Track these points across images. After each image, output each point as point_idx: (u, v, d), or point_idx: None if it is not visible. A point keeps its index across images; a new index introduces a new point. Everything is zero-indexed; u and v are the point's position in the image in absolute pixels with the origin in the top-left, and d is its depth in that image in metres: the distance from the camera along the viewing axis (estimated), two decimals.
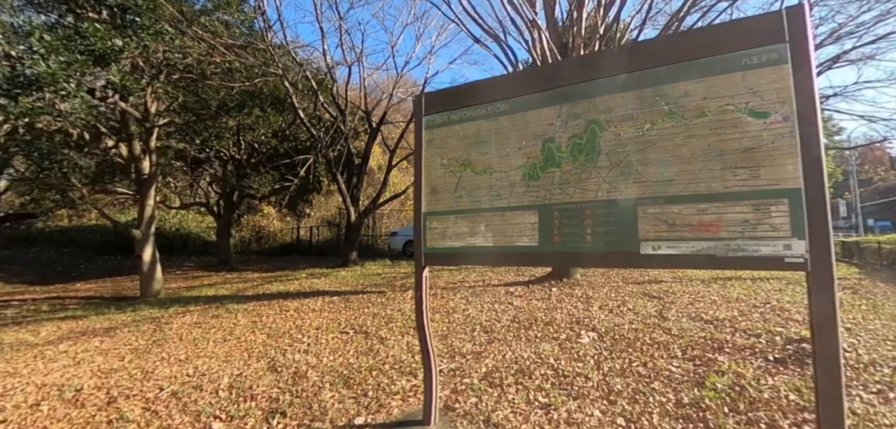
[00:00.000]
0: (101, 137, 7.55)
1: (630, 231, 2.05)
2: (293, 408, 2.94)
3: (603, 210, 2.14)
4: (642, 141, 2.05)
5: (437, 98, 2.76)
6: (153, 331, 5.53)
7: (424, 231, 2.69)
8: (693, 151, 1.94)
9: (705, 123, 1.92)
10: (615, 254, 2.11)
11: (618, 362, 3.66)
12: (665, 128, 2.01)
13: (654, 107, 2.04)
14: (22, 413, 3.06)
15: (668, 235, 1.97)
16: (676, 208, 1.96)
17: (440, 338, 4.62)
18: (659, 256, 2.00)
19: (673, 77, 2.00)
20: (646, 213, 2.03)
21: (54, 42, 4.31)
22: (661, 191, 2.00)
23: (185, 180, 14.87)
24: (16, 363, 4.25)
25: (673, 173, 1.98)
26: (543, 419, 2.64)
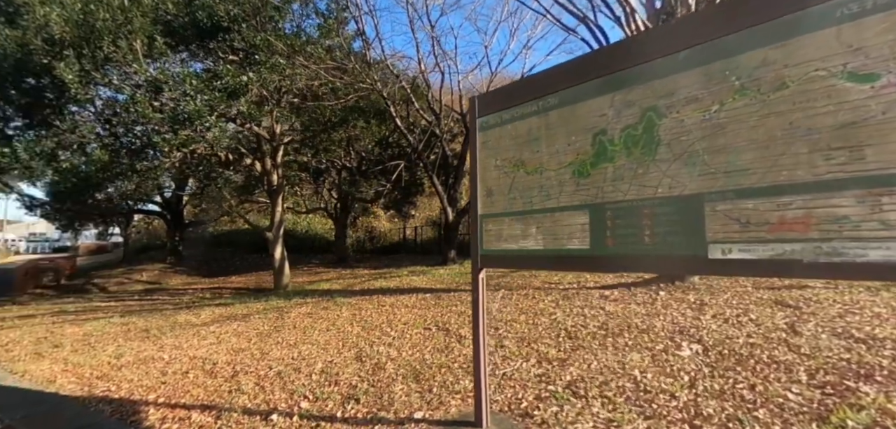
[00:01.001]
0: (242, 157, 9.16)
1: (696, 232, 1.79)
2: (367, 396, 3.21)
3: (663, 208, 1.89)
4: (710, 126, 1.77)
5: (490, 98, 2.75)
6: (276, 318, 6.52)
7: (481, 233, 2.71)
8: (771, 132, 1.60)
9: (787, 96, 1.57)
10: (677, 258, 1.86)
11: (718, 382, 3.16)
12: (737, 107, 1.70)
13: (724, 83, 1.74)
14: (177, 378, 3.92)
15: (741, 237, 1.66)
16: (751, 203, 1.64)
17: (524, 341, 4.52)
18: (731, 262, 1.70)
19: (745, 45, 1.68)
20: (714, 210, 1.74)
21: (199, 84, 5.51)
22: (732, 183, 1.70)
23: (310, 188, 17.15)
24: (180, 339, 5.45)
25: (747, 161, 1.66)
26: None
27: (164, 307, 8.57)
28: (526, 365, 3.71)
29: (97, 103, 6.76)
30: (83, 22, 5.59)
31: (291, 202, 18.69)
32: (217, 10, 6.42)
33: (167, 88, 5.92)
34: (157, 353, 4.96)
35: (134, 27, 5.85)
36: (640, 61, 1.99)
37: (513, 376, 3.48)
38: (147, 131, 6.43)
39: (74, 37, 5.57)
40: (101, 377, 4.21)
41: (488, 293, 7.34)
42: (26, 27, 5.78)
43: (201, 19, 6.58)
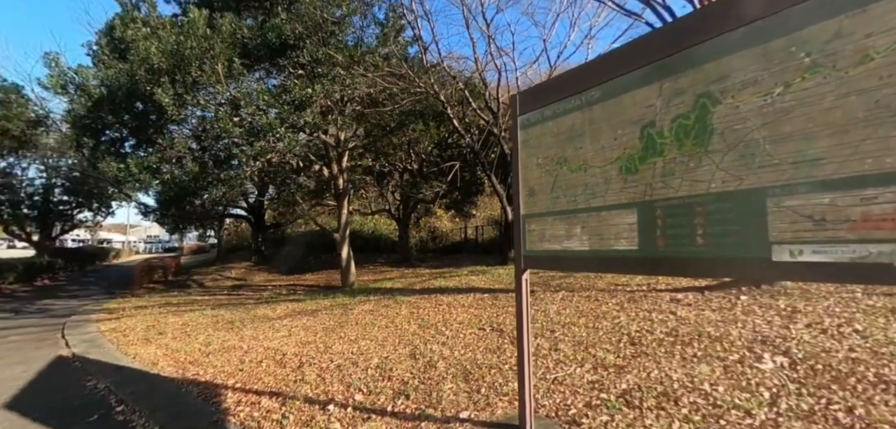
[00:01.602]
0: (312, 164, 9.84)
1: (757, 231, 1.59)
2: (416, 393, 3.30)
3: (718, 205, 1.71)
4: (772, 111, 1.56)
5: (531, 95, 2.68)
6: (340, 315, 6.92)
7: (524, 234, 2.65)
8: (851, 113, 1.37)
9: (872, 70, 1.33)
10: (737, 261, 1.67)
11: (807, 401, 2.78)
12: (807, 88, 1.48)
13: (789, 62, 1.52)
14: (252, 366, 4.34)
15: (815, 237, 1.45)
16: (828, 198, 1.42)
17: (581, 346, 4.34)
18: (801, 265, 1.49)
19: (814, 16, 1.46)
20: (780, 206, 1.54)
21: (270, 99, 6.08)
22: (802, 175, 1.48)
23: (374, 191, 17.94)
24: (258, 331, 6.01)
25: (821, 149, 1.44)
26: None
27: (246, 302, 9.51)
28: (579, 370, 3.55)
29: (190, 122, 7.78)
30: (175, 52, 6.50)
31: (357, 205, 19.69)
32: (284, 30, 7.05)
33: (244, 105, 6.64)
34: (238, 342, 5.52)
35: (216, 53, 6.65)
36: (690, 43, 1.82)
37: (564, 381, 3.35)
38: (228, 144, 7.28)
39: (169, 65, 6.51)
40: (192, 362, 4.79)
41: (548, 295, 7.14)
42: (133, 60, 6.86)
43: (271, 40, 7.27)
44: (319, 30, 7.21)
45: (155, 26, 7.43)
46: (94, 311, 9.57)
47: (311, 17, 7.00)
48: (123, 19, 8.18)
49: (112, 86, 7.40)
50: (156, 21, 7.79)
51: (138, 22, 7.58)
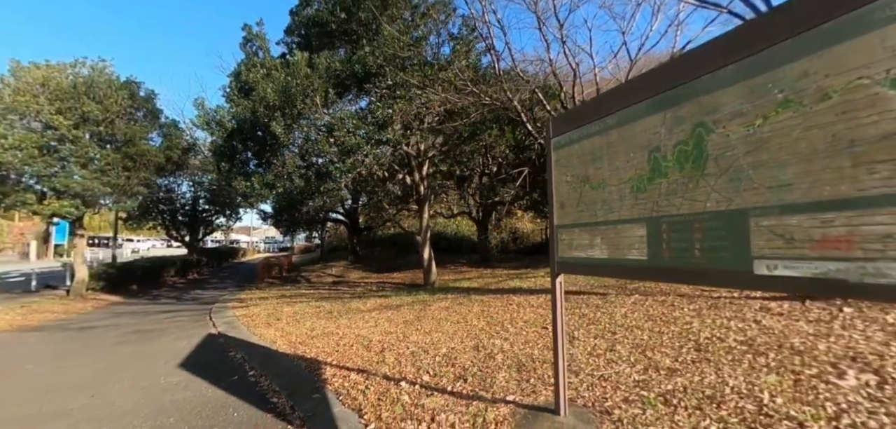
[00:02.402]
0: (396, 173, 10.89)
1: (741, 247, 1.81)
2: (473, 379, 3.81)
3: (712, 222, 1.94)
4: (753, 140, 1.77)
5: (562, 120, 3.03)
6: (419, 310, 7.70)
7: (557, 242, 3.00)
8: (814, 145, 1.56)
9: (830, 107, 1.52)
10: (725, 272, 1.89)
11: (878, 420, 2.69)
12: (780, 121, 1.68)
13: (767, 97, 1.73)
14: (344, 348, 5.25)
15: (786, 253, 1.65)
16: (795, 219, 1.62)
17: (638, 348, 4.44)
18: (775, 278, 1.69)
19: (787, 56, 1.66)
20: (759, 225, 1.75)
21: (358, 123, 7.07)
22: (776, 198, 1.69)
23: (455, 194, 18.78)
24: (351, 321, 7.04)
25: (791, 176, 1.64)
26: None
27: (343, 296, 10.91)
28: (628, 370, 3.73)
29: (296, 144, 9.31)
30: (284, 90, 7.94)
31: (439, 208, 20.74)
32: (368, 61, 8.09)
33: (337, 128, 7.81)
34: (335, 329, 6.58)
35: (315, 87, 7.94)
36: (689, 78, 2.06)
37: (610, 378, 3.58)
38: (326, 162, 8.57)
39: (280, 101, 7.96)
40: (300, 343, 5.90)
41: (620, 298, 7.09)
42: (255, 99, 8.52)
43: (358, 70, 8.37)
44: (397, 58, 8.12)
45: (269, 68, 9.12)
46: (230, 300, 11.81)
47: (390, 47, 7.94)
48: (246, 65, 10.14)
49: (240, 120, 9.30)
50: (270, 63, 9.52)
51: (257, 65, 9.37)
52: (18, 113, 11.07)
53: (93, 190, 11.46)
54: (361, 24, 8.98)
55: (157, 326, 8.42)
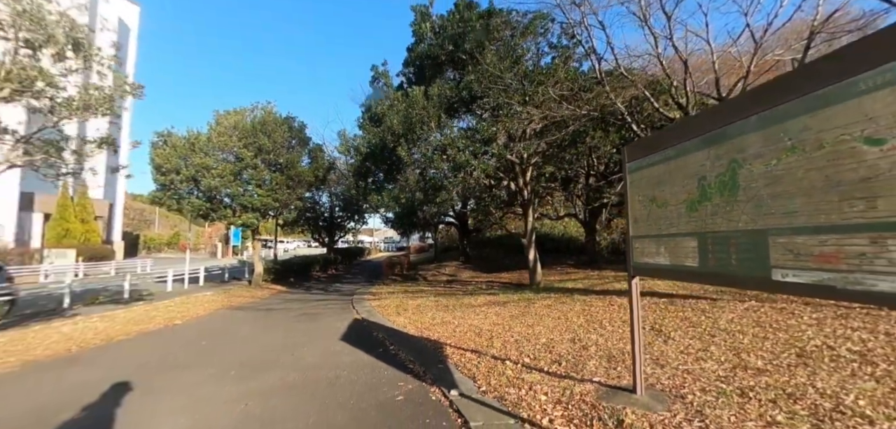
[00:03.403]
0: (501, 180, 11.82)
1: (763, 258, 2.32)
2: (567, 363, 4.55)
3: (743, 238, 2.47)
4: (770, 176, 2.28)
5: (635, 148, 3.61)
6: (524, 307, 8.51)
7: (631, 250, 3.61)
8: (813, 183, 2.05)
9: (823, 155, 2.01)
10: (753, 278, 2.41)
11: None
12: (789, 162, 2.18)
13: (779, 143, 2.23)
14: (459, 334, 6.39)
15: (794, 264, 2.15)
16: (800, 239, 2.12)
17: (734, 350, 4.62)
18: (787, 284, 2.20)
19: (792, 113, 2.15)
20: (775, 242, 2.26)
21: (465, 141, 8.17)
22: (787, 222, 2.19)
23: (561, 196, 18.90)
24: (464, 313, 8.20)
25: (797, 205, 2.14)
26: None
27: (456, 293, 12.24)
28: (715, 367, 4.06)
29: (417, 164, 10.93)
30: (406, 119, 9.52)
31: (547, 210, 20.99)
32: (473, 86, 9.16)
33: (449, 147, 9.08)
34: (451, 319, 7.80)
35: (430, 114, 9.36)
36: (725, 123, 2.59)
37: (693, 372, 3.98)
38: (439, 177, 9.94)
39: (403, 129, 9.58)
40: (425, 328, 7.24)
41: (730, 304, 6.89)
42: (383, 127, 10.33)
43: (465, 95, 9.52)
44: (499, 80, 9.04)
45: (392, 100, 10.93)
46: (365, 293, 14.13)
47: (493, 69, 8.90)
48: (375, 99, 12.22)
49: (372, 146, 11.31)
50: (393, 96, 11.36)
51: (383, 99, 11.28)
52: (220, 149, 14.96)
53: (267, 204, 14.89)
54: (466, 52, 10.16)
55: (316, 310, 10.79)
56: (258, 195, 15.03)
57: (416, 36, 12.15)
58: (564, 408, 3.47)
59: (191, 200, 14.53)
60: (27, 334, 7.81)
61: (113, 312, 10.48)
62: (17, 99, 6.22)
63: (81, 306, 11.45)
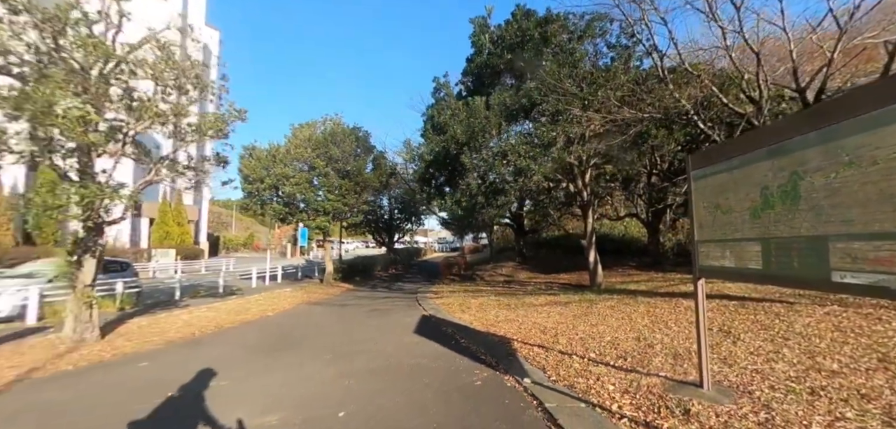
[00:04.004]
0: (559, 182, 12.02)
1: (823, 261, 2.57)
2: (632, 359, 4.83)
3: (804, 243, 2.71)
4: (830, 188, 2.52)
5: (699, 158, 3.86)
6: (587, 307, 8.72)
7: (697, 253, 3.86)
8: (869, 195, 2.29)
9: (878, 170, 2.25)
10: (813, 280, 2.65)
11: None
12: (846, 176, 2.42)
13: (837, 158, 2.47)
14: (525, 330, 6.82)
15: (852, 267, 2.39)
16: (857, 244, 2.36)
17: (808, 353, 4.62)
18: (845, 284, 2.43)
19: (849, 132, 2.39)
20: (835, 247, 2.50)
21: (525, 147, 8.54)
22: (845, 229, 2.43)
23: (621, 196, 18.52)
24: (527, 312, 8.59)
25: (854, 215, 2.38)
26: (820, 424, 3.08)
27: (516, 293, 12.61)
28: (786, 368, 4.16)
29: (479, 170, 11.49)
30: (468, 128, 10.08)
31: (608, 210, 20.60)
32: (533, 94, 9.49)
33: (510, 153, 9.50)
34: (514, 317, 8.24)
35: (491, 122, 9.83)
36: (787, 138, 2.83)
37: (762, 371, 4.11)
38: (500, 180, 10.39)
39: (466, 137, 10.16)
40: (490, 324, 7.75)
41: (807, 309, 6.65)
42: (446, 136, 11.01)
43: (524, 103, 9.87)
44: (557, 89, 9.31)
45: (454, 110, 11.59)
46: (426, 292, 14.92)
47: (552, 77, 9.18)
48: (437, 109, 12.98)
49: (435, 154, 12.09)
50: (454, 106, 12.03)
51: (445, 109, 12.00)
52: (296, 159, 16.51)
53: (338, 209, 16.21)
54: (525, 61, 10.52)
55: (385, 306, 11.69)
56: (329, 200, 16.41)
57: (475, 47, 12.70)
58: (632, 397, 3.81)
59: (272, 205, 16.20)
60: (158, 319, 9.39)
61: (214, 303, 12.11)
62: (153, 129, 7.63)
63: (188, 298, 13.31)
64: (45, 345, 7.02)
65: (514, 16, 11.84)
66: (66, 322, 7.41)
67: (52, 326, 8.50)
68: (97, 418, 3.92)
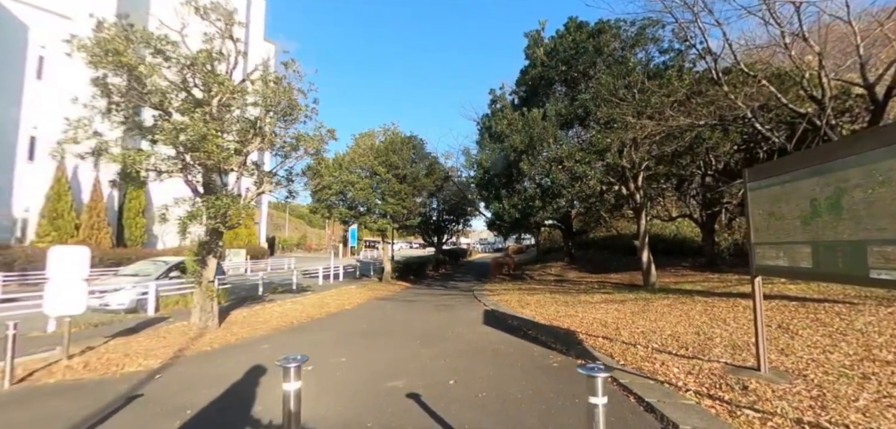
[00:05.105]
0: (612, 185, 12.48)
1: (862, 262, 3.16)
2: (693, 348, 5.43)
3: (847, 247, 3.30)
4: (867, 201, 3.12)
5: (754, 173, 4.45)
6: (643, 305, 9.21)
7: (753, 254, 4.45)
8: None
9: None
10: (855, 276, 3.25)
11: None
12: (881, 193, 3.01)
13: (872, 178, 3.07)
14: (586, 324, 7.50)
15: (885, 266, 2.99)
16: (890, 248, 2.96)
17: (864, 347, 5.00)
18: (881, 280, 3.03)
19: (883, 156, 2.99)
20: (871, 250, 3.09)
21: (579, 152, 9.16)
22: (879, 235, 3.03)
23: (673, 196, 18.44)
24: (584, 308, 9.24)
25: (885, 224, 2.98)
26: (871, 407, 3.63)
27: (569, 291, 13.18)
28: (841, 358, 4.63)
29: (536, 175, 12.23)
30: (528, 137, 10.86)
31: (660, 211, 20.49)
32: (588, 104, 10.06)
33: (566, 160, 10.15)
34: (573, 313, 8.91)
35: (548, 131, 10.53)
36: (831, 160, 3.43)
37: (818, 360, 4.61)
38: (556, 185, 11.06)
39: (525, 146, 10.94)
40: (553, 319, 8.48)
41: (871, 308, 6.85)
42: (504, 146, 11.83)
43: (579, 112, 10.46)
44: (614, 96, 9.84)
45: (510, 120, 12.42)
46: (481, 289, 15.79)
47: (605, 88, 9.74)
48: (494, 119, 13.88)
49: (494, 161, 12.97)
50: (510, 116, 12.85)
51: (501, 118, 12.87)
52: (359, 167, 17.96)
53: (397, 212, 17.50)
54: (578, 72, 11.12)
55: (447, 302, 12.69)
56: (390, 204, 17.73)
57: (529, 59, 13.41)
58: (695, 378, 4.47)
59: (339, 209, 17.74)
60: (254, 311, 10.91)
61: (296, 298, 13.64)
62: (259, 149, 9.06)
63: (269, 294, 14.99)
64: (177, 331, 8.53)
65: (567, 28, 12.44)
66: (193, 312, 8.97)
67: (168, 316, 10.15)
68: (264, 390, 5.11)
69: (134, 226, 26.17)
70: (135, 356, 6.24)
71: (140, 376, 5.36)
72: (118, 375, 5.48)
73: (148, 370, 5.63)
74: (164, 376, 5.37)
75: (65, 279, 6.12)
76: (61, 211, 21.61)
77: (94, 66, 6.52)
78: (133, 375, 5.45)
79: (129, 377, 5.33)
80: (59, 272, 6.08)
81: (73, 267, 6.20)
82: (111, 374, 5.51)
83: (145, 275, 12.40)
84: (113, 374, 5.51)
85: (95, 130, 6.99)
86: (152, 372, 5.54)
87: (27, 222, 22.26)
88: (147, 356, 6.28)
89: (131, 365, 5.84)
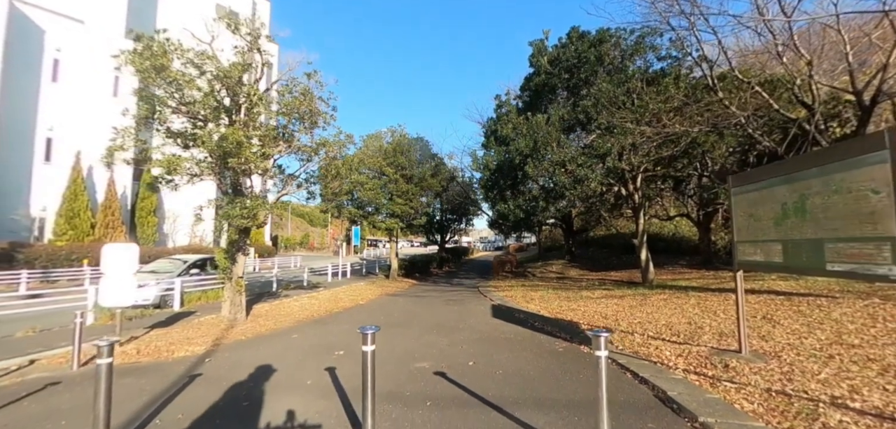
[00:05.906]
0: (611, 186, 13.11)
1: (821, 257, 3.80)
2: (683, 336, 6.08)
3: (809, 245, 3.94)
4: (824, 206, 3.76)
5: (737, 180, 5.09)
6: (641, 300, 9.86)
7: (736, 250, 5.10)
8: (846, 213, 3.53)
9: (852, 197, 3.48)
10: (816, 268, 3.88)
11: None
12: (834, 200, 3.65)
13: (829, 187, 3.71)
14: (588, 317, 8.15)
15: (838, 260, 3.63)
16: (841, 245, 3.60)
17: (836, 334, 5.64)
18: (834, 271, 3.67)
19: (834, 170, 3.63)
20: (827, 247, 3.73)
21: (581, 156, 9.78)
22: (833, 235, 3.67)
23: (671, 197, 19.08)
24: (585, 303, 9.88)
25: (837, 225, 3.62)
26: (831, 379, 4.27)
27: (571, 288, 13.83)
28: (813, 342, 5.27)
29: (540, 177, 12.88)
30: (533, 141, 11.50)
31: (658, 210, 21.13)
32: (589, 110, 10.70)
33: (569, 163, 10.80)
34: (576, 307, 9.56)
35: (552, 137, 11.18)
36: (798, 171, 4.06)
37: (793, 344, 5.25)
38: (560, 187, 11.71)
39: (530, 150, 11.59)
40: (557, 312, 9.12)
41: (849, 301, 7.48)
42: (509, 149, 12.47)
43: (581, 118, 11.08)
44: (614, 103, 10.47)
45: (515, 124, 13.09)
46: (486, 286, 16.44)
47: (605, 95, 10.36)
48: (499, 123, 14.56)
49: (499, 163, 13.62)
50: (515, 121, 13.51)
51: (506, 123, 13.54)
52: (368, 168, 18.59)
53: (405, 212, 18.15)
54: (581, 80, 11.74)
55: (455, 297, 13.33)
56: (397, 203, 18.37)
57: (533, 67, 14.06)
58: (684, 359, 5.11)
59: (349, 209, 18.39)
60: (275, 305, 11.56)
61: (310, 294, 14.28)
62: (284, 153, 9.70)
63: (284, 290, 15.63)
64: (209, 323, 9.16)
65: (570, 37, 13.08)
66: (224, 305, 9.62)
67: (194, 311, 10.78)
68: (305, 369, 5.74)
69: (146, 224, 26.82)
70: (179, 344, 6.89)
71: (191, 360, 6.00)
72: (170, 359, 6.13)
73: (196, 355, 6.27)
74: (213, 360, 6.02)
75: (117, 274, 6.76)
76: (77, 210, 22.25)
77: (142, 78, 7.14)
78: (184, 359, 6.09)
79: (181, 361, 5.97)
80: (112, 267, 6.73)
81: (123, 263, 6.85)
82: (164, 358, 6.16)
83: (166, 272, 13.05)
84: (165, 358, 6.16)
85: (139, 137, 7.63)
86: (201, 357, 6.18)
87: (44, 221, 22.91)
88: (190, 344, 6.92)
89: (179, 351, 6.49)
